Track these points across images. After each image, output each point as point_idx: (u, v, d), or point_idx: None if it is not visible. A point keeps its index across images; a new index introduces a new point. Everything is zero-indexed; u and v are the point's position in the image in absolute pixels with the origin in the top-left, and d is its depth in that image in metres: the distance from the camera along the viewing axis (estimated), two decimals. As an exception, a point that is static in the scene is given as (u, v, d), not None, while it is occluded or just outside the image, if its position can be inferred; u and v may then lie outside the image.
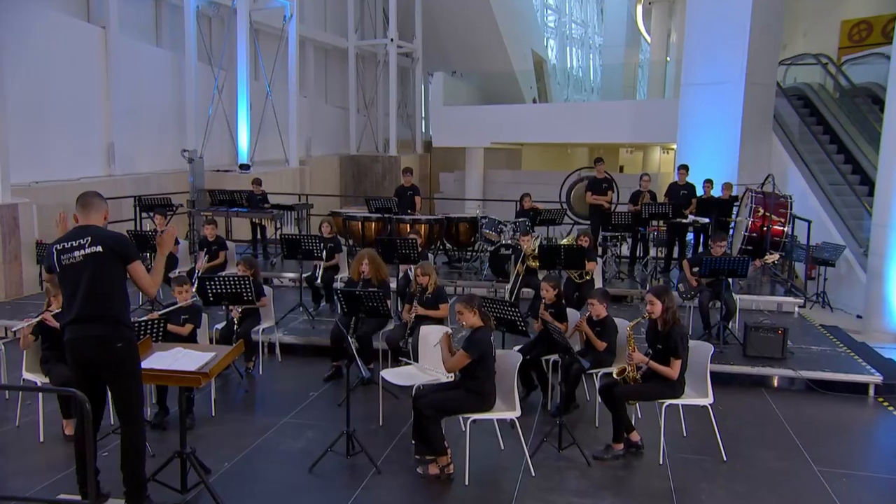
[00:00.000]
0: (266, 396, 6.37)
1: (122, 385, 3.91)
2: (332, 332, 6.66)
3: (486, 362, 4.80)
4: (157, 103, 14.57)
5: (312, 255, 7.98)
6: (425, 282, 6.54)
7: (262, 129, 16.92)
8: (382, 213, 10.25)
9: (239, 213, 10.55)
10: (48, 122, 11.80)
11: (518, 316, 5.79)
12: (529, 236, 8.43)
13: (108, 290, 3.87)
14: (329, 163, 21.28)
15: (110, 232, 3.98)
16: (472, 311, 4.87)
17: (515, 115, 22.34)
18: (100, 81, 13.04)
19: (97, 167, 13.15)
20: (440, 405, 4.77)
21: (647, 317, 5.23)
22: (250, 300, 6.37)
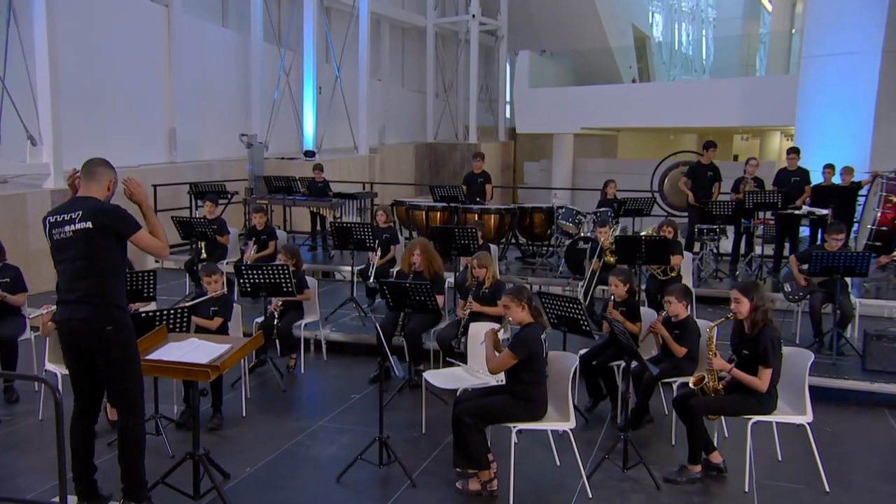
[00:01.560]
0: (304, 397, 6.32)
1: (114, 372, 3.87)
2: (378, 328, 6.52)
3: (535, 364, 4.52)
4: (221, 87, 14.98)
5: (364, 245, 7.89)
6: (482, 275, 6.32)
7: (331, 114, 17.14)
8: (448, 201, 10.09)
9: (296, 201, 10.64)
10: (108, 107, 12.30)
11: (582, 313, 5.47)
12: (607, 227, 8.04)
13: (97, 269, 3.81)
14: (403, 151, 21.36)
15: (104, 205, 3.89)
16: (520, 304, 4.60)
17: (611, 97, 21.67)
18: (162, 63, 13.51)
19: (158, 154, 13.64)
20: (481, 412, 4.52)
21: (731, 316, 4.80)
22: (290, 292, 6.33)
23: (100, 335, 3.82)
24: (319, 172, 11.15)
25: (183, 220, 8.54)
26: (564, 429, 4.59)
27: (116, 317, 3.85)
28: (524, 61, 22.81)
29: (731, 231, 10.41)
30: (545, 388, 4.62)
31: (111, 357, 3.85)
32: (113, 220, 3.84)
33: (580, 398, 5.99)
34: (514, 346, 4.51)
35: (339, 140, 17.89)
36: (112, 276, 3.87)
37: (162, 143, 13.74)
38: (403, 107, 22.38)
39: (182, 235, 8.65)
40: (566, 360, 4.74)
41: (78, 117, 11.38)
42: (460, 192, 10.07)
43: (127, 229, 3.87)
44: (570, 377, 4.60)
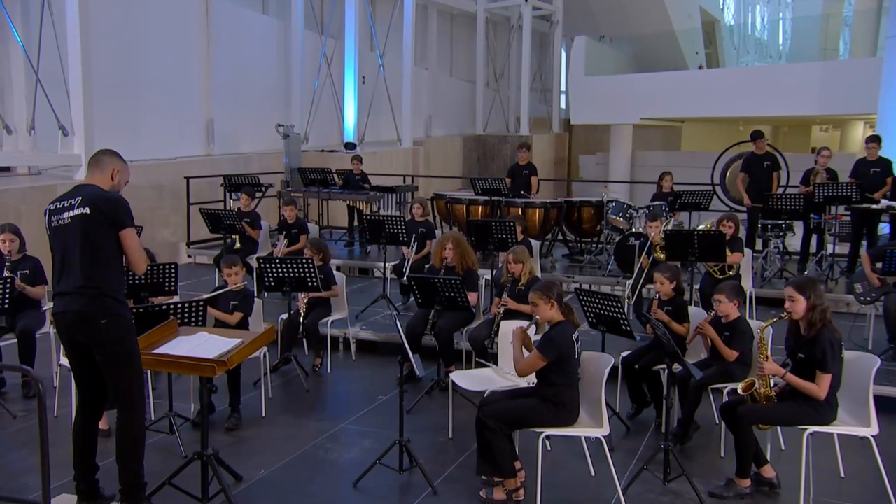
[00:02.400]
0: (328, 398, 6.31)
1: (112, 366, 3.88)
2: (407, 327, 6.48)
3: (565, 365, 4.39)
4: (260, 76, 15.17)
5: (398, 240, 7.84)
6: (518, 270, 6.20)
7: (374, 105, 17.20)
8: (490, 195, 9.98)
9: (332, 194, 10.67)
10: (143, 98, 12.56)
11: (621, 312, 5.30)
12: (658, 222, 7.81)
13: (93, 258, 3.82)
14: (451, 144, 21.31)
15: (104, 193, 3.89)
16: (549, 301, 4.47)
17: (675, 85, 21.21)
18: (200, 52, 13.73)
19: (195, 146, 13.89)
20: (506, 415, 4.41)
21: (784, 316, 4.57)
22: (315, 287, 6.32)
23: (95, 328, 3.83)
24: (357, 164, 11.17)
25: (211, 212, 8.64)
26: (597, 435, 4.44)
27: (113, 309, 3.85)
28: (580, 48, 22.51)
29: (800, 227, 10.02)
30: (577, 391, 4.48)
31: (108, 351, 3.86)
32: (111, 208, 3.84)
33: (622, 404, 5.84)
34: (543, 347, 4.39)
35: (382, 132, 17.94)
36: (108, 267, 3.86)
37: (199, 134, 13.98)
38: (451, 97, 22.33)
39: (210, 228, 8.75)
40: (600, 361, 4.59)
41: (112, 108, 11.64)
42: (503, 184, 9.94)
43: (124, 220, 3.86)
44: (603, 380, 4.45)
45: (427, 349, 6.46)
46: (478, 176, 21.25)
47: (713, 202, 10.37)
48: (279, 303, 7.47)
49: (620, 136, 23.12)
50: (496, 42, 24.00)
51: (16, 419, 5.54)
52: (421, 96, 19.91)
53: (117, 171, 4.03)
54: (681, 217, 10.24)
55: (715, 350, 5.27)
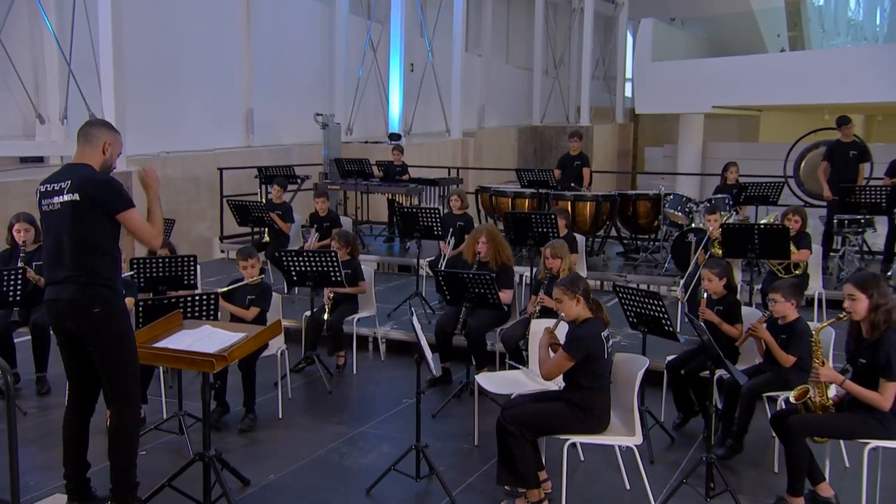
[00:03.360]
0: (351, 400, 6.28)
1: (105, 358, 3.90)
2: (436, 326, 6.42)
3: (593, 366, 4.25)
4: (302, 64, 15.30)
5: (432, 234, 7.78)
6: (556, 266, 6.07)
7: (422, 94, 17.20)
8: (537, 187, 9.84)
9: (370, 186, 10.68)
10: (180, 86, 12.79)
11: (663, 311, 5.12)
12: (717, 215, 7.57)
13: (85, 245, 3.84)
14: (505, 135, 21.20)
15: (95, 176, 3.89)
16: (575, 297, 4.34)
17: (753, 70, 20.55)
18: (241, 39, 13.92)
19: (234, 137, 14.10)
20: (529, 420, 4.30)
21: (844, 317, 4.34)
22: (339, 282, 6.30)
23: (87, 318, 3.85)
24: (397, 154, 11.16)
25: (239, 203, 8.73)
26: (629, 444, 4.29)
27: (106, 298, 3.87)
28: (647, 31, 22.07)
29: (883, 224, 9.58)
30: (607, 395, 4.35)
31: (100, 342, 3.89)
32: (102, 193, 3.84)
33: (667, 413, 5.66)
34: (569, 346, 4.27)
35: (431, 123, 17.93)
36: (102, 254, 3.88)
37: (238, 125, 14.19)
38: (506, 85, 22.19)
39: (238, 221, 8.84)
40: (634, 363, 4.45)
41: (147, 98, 11.89)
42: (550, 176, 9.79)
43: (117, 205, 3.85)
44: (636, 383, 4.30)
45: (458, 350, 6.38)
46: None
47: (784, 196, 10.01)
48: (308, 299, 7.47)
49: (690, 126, 22.59)
50: (556, 26, 23.77)
51: (26, 416, 5.66)
52: (473, 85, 19.83)
53: (108, 144, 4.00)
54: (747, 212, 9.92)
55: (770, 355, 5.05)
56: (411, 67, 17.36)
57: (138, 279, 6.08)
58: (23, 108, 11.14)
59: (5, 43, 10.36)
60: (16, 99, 11.04)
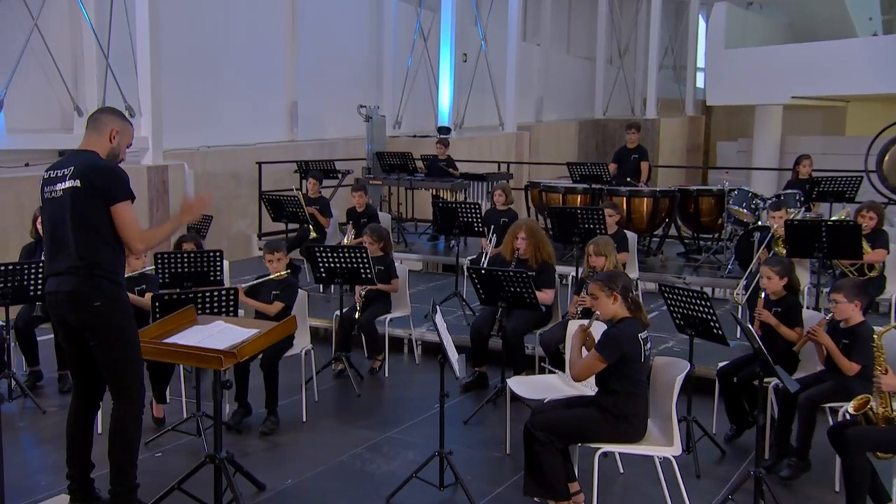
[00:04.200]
0: (380, 404, 6.30)
1: (106, 352, 3.94)
2: (471, 327, 6.37)
3: (628, 370, 4.16)
4: (349, 54, 15.36)
5: (472, 230, 7.74)
6: (600, 264, 5.98)
7: (475, 85, 17.17)
8: (590, 182, 9.70)
9: (413, 182, 10.69)
10: (222, 79, 12.94)
11: (710, 312, 4.98)
12: (783, 211, 7.36)
13: (86, 235, 3.88)
14: (564, 129, 21.02)
15: (98, 162, 3.93)
16: (612, 294, 4.26)
17: (840, 56, 19.87)
18: (285, 28, 14.04)
19: (277, 131, 14.24)
20: (558, 426, 4.23)
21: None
22: (369, 279, 6.31)
23: (87, 310, 3.90)
24: (442, 148, 11.14)
25: (273, 198, 8.82)
26: (665, 455, 4.18)
27: (107, 290, 3.91)
28: (720, 16, 21.60)
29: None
30: (643, 401, 4.25)
31: (101, 336, 3.93)
32: (102, 181, 3.88)
33: (720, 424, 5.51)
34: (602, 347, 4.19)
35: (484, 116, 17.88)
36: (103, 245, 3.92)
37: (282, 118, 14.33)
38: (567, 76, 22.00)
39: (273, 216, 8.94)
40: (674, 367, 4.33)
41: (186, 90, 12.08)
42: (605, 170, 9.64)
43: (115, 194, 3.88)
44: (675, 389, 4.18)
45: (495, 353, 6.31)
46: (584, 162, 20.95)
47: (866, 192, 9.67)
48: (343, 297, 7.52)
49: (767, 118, 22.01)
50: (621, 13, 23.47)
51: (45, 414, 5.80)
52: (530, 75, 19.71)
53: (116, 132, 4.04)
54: (821, 209, 9.61)
55: (832, 362, 4.87)
56: (464, 58, 17.34)
57: (162, 275, 6.18)
58: (62, 101, 11.45)
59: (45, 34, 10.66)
60: (55, 91, 11.34)
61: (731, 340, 5.36)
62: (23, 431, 5.67)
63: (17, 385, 6.00)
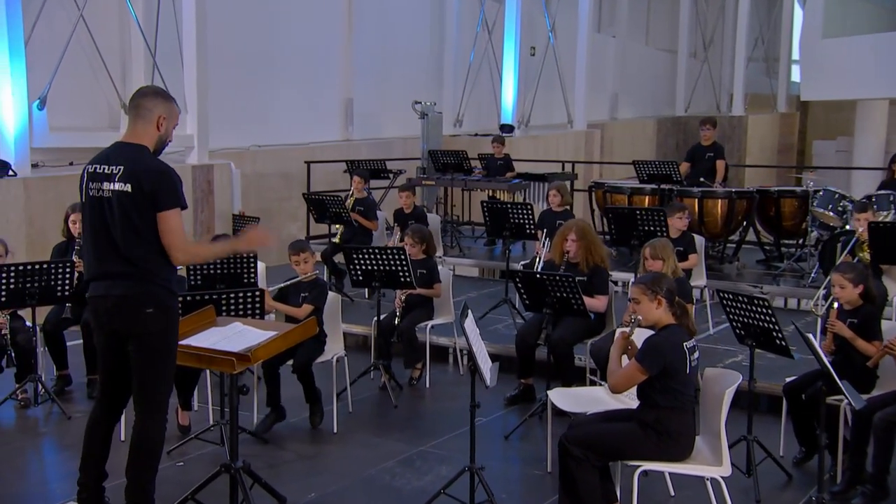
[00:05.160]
0: (418, 415, 6.31)
1: (145, 361, 3.96)
2: (516, 336, 6.32)
3: (671, 382, 4.07)
4: (408, 48, 15.44)
5: (524, 232, 7.69)
6: (657, 269, 5.85)
7: (542, 81, 17.10)
8: (659, 182, 9.54)
9: (467, 181, 10.68)
10: (274, 75, 13.13)
11: (773, 321, 4.83)
12: (869, 213, 7.11)
13: (137, 240, 3.90)
14: (641, 127, 20.79)
15: (149, 165, 3.94)
16: (655, 298, 4.17)
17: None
18: (341, 21, 14.17)
19: (331, 130, 14.40)
20: (595, 441, 4.16)
21: None
22: (407, 282, 6.32)
23: (138, 317, 3.91)
24: (499, 147, 11.12)
25: (316, 198, 8.91)
26: (713, 476, 4.06)
27: (160, 299, 3.93)
28: (818, 2, 21.04)
29: None
30: (689, 416, 4.16)
31: (146, 344, 3.94)
32: (154, 185, 3.87)
33: (788, 446, 5.35)
34: (643, 356, 4.11)
35: (554, 113, 17.79)
36: (156, 251, 3.93)
37: (336, 116, 14.49)
38: (645, 70, 21.75)
39: (316, 217, 9.03)
40: (724, 379, 4.23)
41: (236, 87, 12.30)
42: (675, 169, 9.47)
43: (164, 200, 3.88)
44: (724, 403, 4.06)
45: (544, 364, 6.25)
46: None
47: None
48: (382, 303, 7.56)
49: (870, 115, 21.30)
50: (706, 1, 23.07)
51: (70, 420, 5.96)
52: (604, 70, 19.55)
53: (163, 119, 4.01)
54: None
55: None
56: (532, 51, 17.28)
57: (194, 276, 6.31)
58: (109, 99, 11.82)
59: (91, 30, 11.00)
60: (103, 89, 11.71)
61: (799, 353, 5.17)
62: (46, 437, 5.86)
63: (44, 389, 6.18)
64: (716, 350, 7.17)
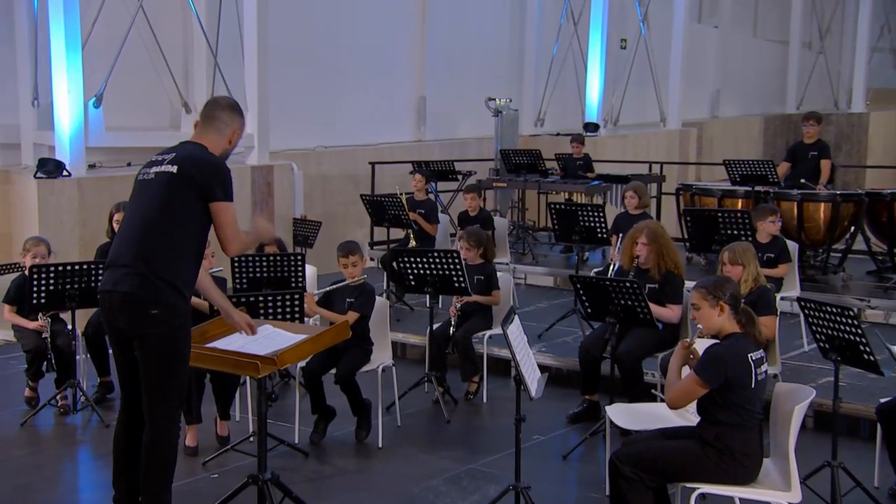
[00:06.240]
0: (470, 432, 6.30)
1: (151, 366, 4.01)
2: (580, 348, 6.26)
3: (734, 397, 3.99)
4: (486, 42, 15.47)
5: (595, 237, 7.61)
6: (736, 275, 5.74)
7: (633, 76, 16.92)
8: (752, 183, 9.32)
9: (541, 183, 10.64)
10: (341, 73, 13.36)
11: (859, 333, 4.66)
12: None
13: (162, 228, 3.97)
14: (745, 126, 20.39)
15: (204, 155, 4.05)
16: (717, 304, 4.09)
17: None
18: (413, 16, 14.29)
19: (403, 130, 14.52)
20: (647, 460, 4.10)
21: None
22: (462, 288, 6.32)
23: (141, 317, 3.95)
24: (578, 146, 11.05)
25: (374, 199, 8.98)
26: (780, 502, 3.93)
27: (168, 299, 3.95)
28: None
29: None
30: (755, 435, 4.06)
31: (150, 348, 4.00)
32: (204, 174, 3.97)
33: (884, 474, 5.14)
34: (702, 368, 4.02)
35: (646, 111, 17.59)
36: (177, 246, 3.99)
37: (408, 116, 14.60)
38: (752, 63, 21.33)
39: (374, 220, 9.12)
40: (797, 394, 4.10)
41: (300, 86, 12.51)
42: (771, 169, 9.23)
43: (216, 191, 3.96)
44: (795, 421, 3.94)
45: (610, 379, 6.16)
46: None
47: None
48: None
49: None
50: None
51: (108, 428, 6.12)
52: (704, 63, 19.24)
53: (237, 135, 4.22)
54: None
55: None
56: (623, 43, 17.14)
57: (240, 279, 6.45)
58: (171, 98, 12.19)
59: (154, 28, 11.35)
60: (165, 88, 12.09)
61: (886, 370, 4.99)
62: (82, 445, 6.07)
63: (83, 396, 6.39)
64: (809, 368, 6.96)
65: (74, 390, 6.37)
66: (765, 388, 4.12)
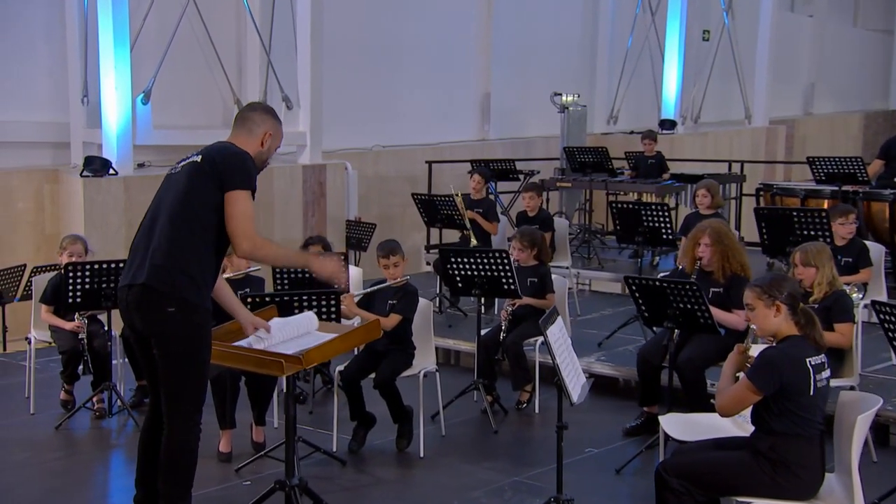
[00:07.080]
0: (518, 443, 6.27)
1: (168, 365, 4.07)
2: (638, 356, 6.19)
3: (791, 404, 3.91)
4: (555, 36, 15.47)
5: (660, 238, 7.53)
6: (809, 277, 5.69)
7: (715, 70, 16.72)
8: (839, 182, 9.13)
9: (608, 183, 10.56)
10: (400, 70, 13.49)
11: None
12: None
13: (183, 222, 4.03)
14: (842, 123, 19.98)
15: (231, 148, 4.14)
16: (773, 304, 4.02)
17: None
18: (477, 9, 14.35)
19: (466, 128, 14.56)
20: (696, 472, 4.05)
21: None
22: (512, 291, 6.31)
23: (157, 315, 4.01)
24: (650, 143, 10.95)
25: (426, 198, 9.02)
26: (843, 521, 3.85)
27: (186, 297, 3.99)
28: None
29: None
30: (815, 446, 3.97)
31: (167, 346, 4.05)
32: (226, 162, 4.03)
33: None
34: (755, 373, 3.95)
35: (731, 107, 17.37)
36: (198, 242, 4.04)
37: (471, 113, 14.64)
38: (851, 56, 20.93)
39: (426, 221, 9.14)
40: (861, 403, 3.99)
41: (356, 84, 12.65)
42: (860, 167, 9.03)
43: (234, 178, 4.01)
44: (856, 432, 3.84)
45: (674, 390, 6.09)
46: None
47: None
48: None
49: None
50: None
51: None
52: (797, 56, 18.93)
53: (269, 136, 4.27)
54: None
55: None
56: (705, 35, 16.96)
57: (281, 280, 6.55)
58: (224, 95, 12.43)
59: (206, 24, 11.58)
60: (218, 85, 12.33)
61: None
62: (116, 450, 6.22)
63: (119, 399, 6.55)
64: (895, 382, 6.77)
65: (110, 393, 6.53)
66: (826, 395, 4.02)
